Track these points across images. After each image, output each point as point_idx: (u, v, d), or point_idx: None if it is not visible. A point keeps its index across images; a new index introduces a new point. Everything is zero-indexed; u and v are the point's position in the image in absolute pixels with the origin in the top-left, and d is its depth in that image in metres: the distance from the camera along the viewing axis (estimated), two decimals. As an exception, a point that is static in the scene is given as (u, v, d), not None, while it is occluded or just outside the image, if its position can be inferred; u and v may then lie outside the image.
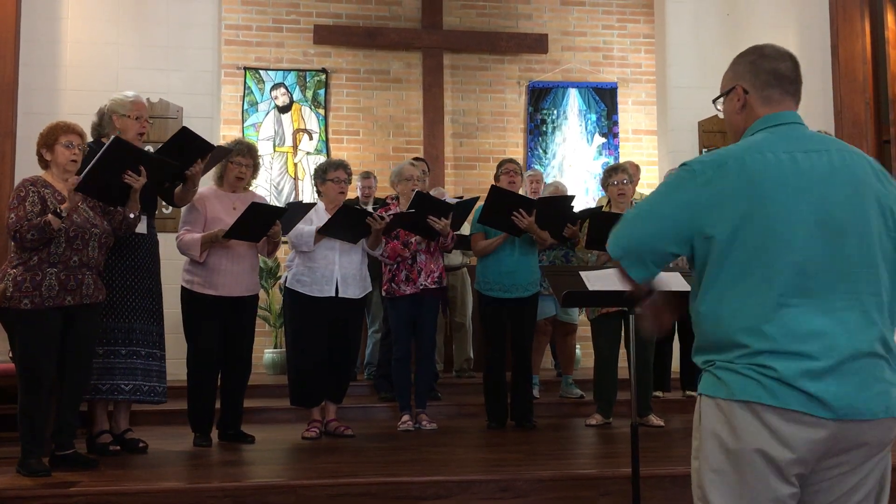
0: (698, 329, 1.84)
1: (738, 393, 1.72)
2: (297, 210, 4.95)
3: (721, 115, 2.02)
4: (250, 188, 5.07)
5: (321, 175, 5.03)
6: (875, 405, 1.70)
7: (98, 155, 3.94)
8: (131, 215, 4.09)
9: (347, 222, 4.80)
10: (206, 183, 4.86)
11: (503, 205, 5.08)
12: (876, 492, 1.77)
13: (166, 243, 4.89)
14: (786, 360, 1.68)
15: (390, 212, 5.03)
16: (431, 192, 6.09)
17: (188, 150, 4.34)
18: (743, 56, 1.97)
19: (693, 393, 4.54)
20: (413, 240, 5.09)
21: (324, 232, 4.78)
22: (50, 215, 3.77)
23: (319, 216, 4.86)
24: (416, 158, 6.39)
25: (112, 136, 4.10)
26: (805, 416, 1.67)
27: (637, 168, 6.60)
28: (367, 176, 6.74)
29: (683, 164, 1.88)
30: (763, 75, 1.91)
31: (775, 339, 1.70)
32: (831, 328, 1.70)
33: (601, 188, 5.63)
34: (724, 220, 1.76)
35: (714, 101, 2.03)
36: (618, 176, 5.30)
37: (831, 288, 1.73)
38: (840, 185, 1.78)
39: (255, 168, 4.93)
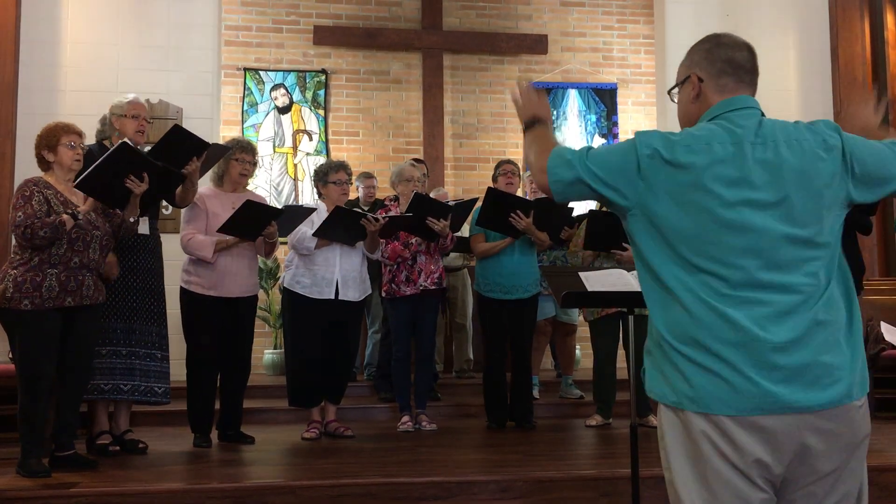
0: None
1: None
2: (295, 213, 4.93)
3: (676, 105, 1.96)
4: (248, 188, 5.06)
5: (322, 177, 5.02)
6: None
7: (103, 157, 3.94)
8: (131, 219, 4.09)
9: (342, 224, 4.79)
10: (205, 183, 4.86)
11: (500, 206, 5.07)
12: (855, 496, 1.72)
13: (167, 244, 4.88)
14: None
15: (389, 213, 5.02)
16: (432, 193, 6.10)
17: (182, 148, 4.33)
18: (699, 44, 1.91)
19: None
20: (413, 240, 5.09)
21: (319, 235, 4.77)
22: (65, 215, 3.78)
23: (322, 219, 4.84)
24: (416, 160, 6.38)
25: (120, 141, 4.09)
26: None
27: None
28: (368, 176, 6.71)
29: (636, 136, 1.82)
30: (718, 63, 1.85)
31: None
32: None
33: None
34: (661, 208, 1.75)
35: (669, 92, 1.97)
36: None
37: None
38: (787, 179, 1.72)
39: (254, 166, 4.95)
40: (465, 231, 5.81)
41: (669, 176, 1.74)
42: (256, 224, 4.61)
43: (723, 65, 1.85)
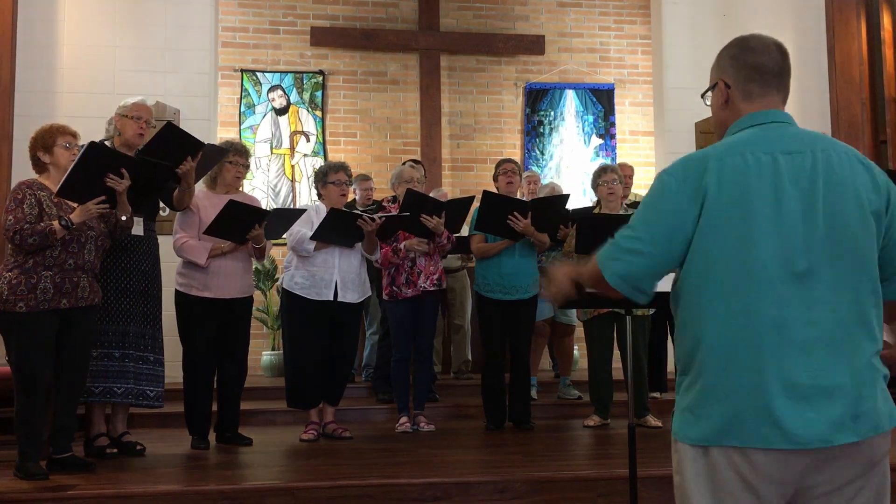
0: None
1: None
2: (285, 216, 4.91)
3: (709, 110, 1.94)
4: (245, 189, 5.05)
5: (322, 178, 5.01)
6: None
7: (75, 160, 3.86)
8: (122, 218, 4.06)
9: (339, 227, 4.78)
10: (198, 186, 4.84)
11: (497, 209, 5.05)
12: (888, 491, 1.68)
13: (163, 245, 4.87)
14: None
15: (386, 213, 5.01)
16: (432, 194, 6.09)
17: (176, 147, 4.29)
18: (726, 49, 1.88)
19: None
20: (402, 245, 5.06)
21: (316, 238, 4.77)
22: (56, 224, 3.76)
23: (321, 219, 4.83)
24: (414, 161, 6.38)
25: (88, 142, 3.99)
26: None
27: (631, 169, 6.61)
28: (365, 178, 6.68)
29: (661, 175, 1.79)
30: (745, 70, 1.82)
31: None
32: None
33: (592, 188, 5.61)
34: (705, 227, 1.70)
35: (702, 96, 1.95)
36: (607, 176, 5.30)
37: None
38: (822, 190, 1.68)
39: (247, 168, 4.95)
40: (464, 231, 5.80)
41: (704, 197, 1.70)
42: (242, 225, 4.58)
43: (749, 71, 1.82)
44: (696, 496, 1.69)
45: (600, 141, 8.60)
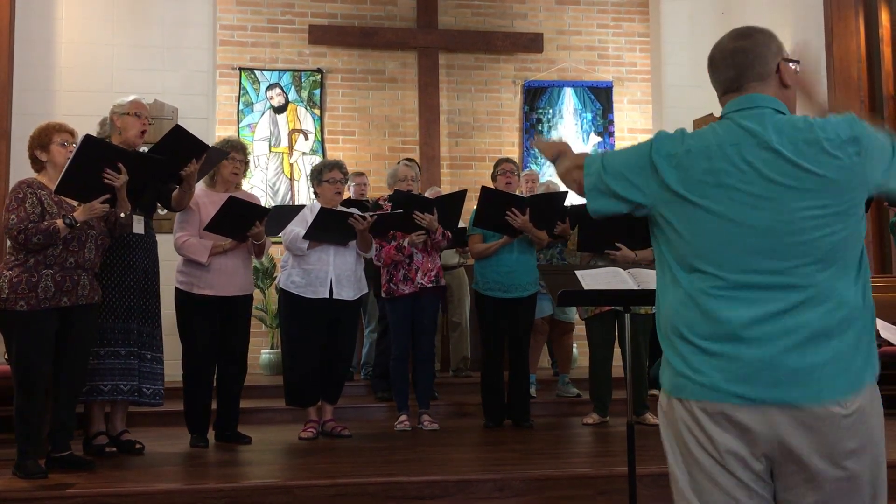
0: None
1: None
2: (285, 213, 4.89)
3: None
4: (242, 188, 5.05)
5: (317, 176, 5.01)
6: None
7: (72, 155, 3.83)
8: (122, 214, 4.04)
9: (331, 225, 4.77)
10: (197, 184, 4.83)
11: (496, 205, 5.05)
12: (869, 496, 1.67)
13: (161, 245, 4.86)
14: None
15: (377, 211, 5.01)
16: (428, 192, 6.09)
17: (182, 149, 4.28)
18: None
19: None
20: (405, 242, 5.07)
21: (309, 237, 4.76)
22: (60, 222, 3.76)
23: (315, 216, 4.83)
24: (408, 160, 6.37)
25: (84, 134, 3.92)
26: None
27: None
28: (358, 174, 6.69)
29: (656, 135, 1.86)
30: (714, 84, 1.90)
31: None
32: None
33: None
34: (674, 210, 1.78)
35: None
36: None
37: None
38: (788, 178, 1.70)
39: (246, 165, 4.94)
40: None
41: (676, 175, 1.77)
42: (243, 222, 4.58)
43: (716, 85, 1.89)
44: None
45: (599, 139, 8.61)
